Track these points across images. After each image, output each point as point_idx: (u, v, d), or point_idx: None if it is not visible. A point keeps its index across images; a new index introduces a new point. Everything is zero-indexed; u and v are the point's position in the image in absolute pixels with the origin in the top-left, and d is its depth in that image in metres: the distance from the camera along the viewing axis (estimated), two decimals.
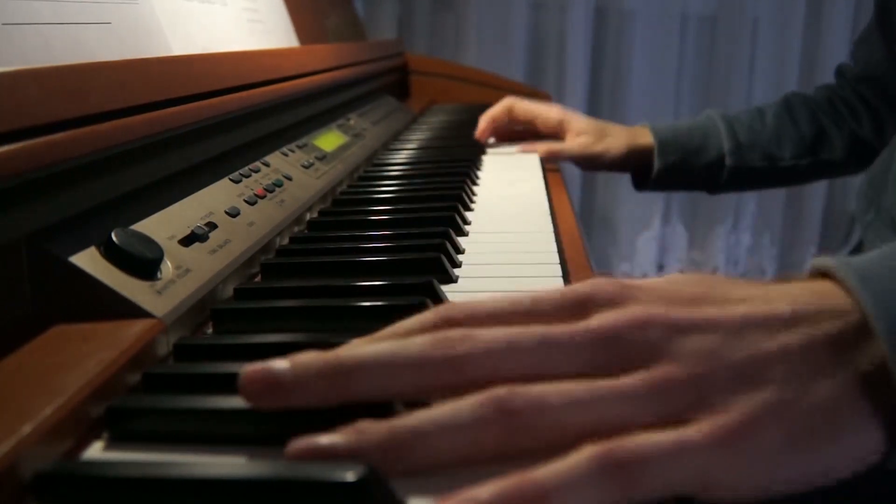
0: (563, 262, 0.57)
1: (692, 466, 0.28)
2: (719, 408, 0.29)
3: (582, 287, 0.33)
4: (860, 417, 0.30)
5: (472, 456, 0.29)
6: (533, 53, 2.25)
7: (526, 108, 1.12)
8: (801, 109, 1.09)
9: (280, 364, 0.31)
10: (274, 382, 0.31)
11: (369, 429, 0.29)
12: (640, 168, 1.11)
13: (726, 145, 1.06)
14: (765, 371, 0.30)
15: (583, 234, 0.68)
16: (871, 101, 1.07)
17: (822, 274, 0.34)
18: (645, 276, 2.26)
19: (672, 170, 1.07)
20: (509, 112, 1.13)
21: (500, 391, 0.29)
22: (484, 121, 1.14)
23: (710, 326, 0.31)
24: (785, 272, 2.31)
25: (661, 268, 2.31)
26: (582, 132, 1.08)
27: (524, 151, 1.07)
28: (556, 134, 1.10)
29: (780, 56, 2.29)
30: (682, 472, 0.28)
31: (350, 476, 0.27)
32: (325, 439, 0.29)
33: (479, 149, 1.07)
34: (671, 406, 0.29)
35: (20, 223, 0.39)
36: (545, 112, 1.11)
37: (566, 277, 0.54)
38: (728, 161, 1.07)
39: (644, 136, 1.08)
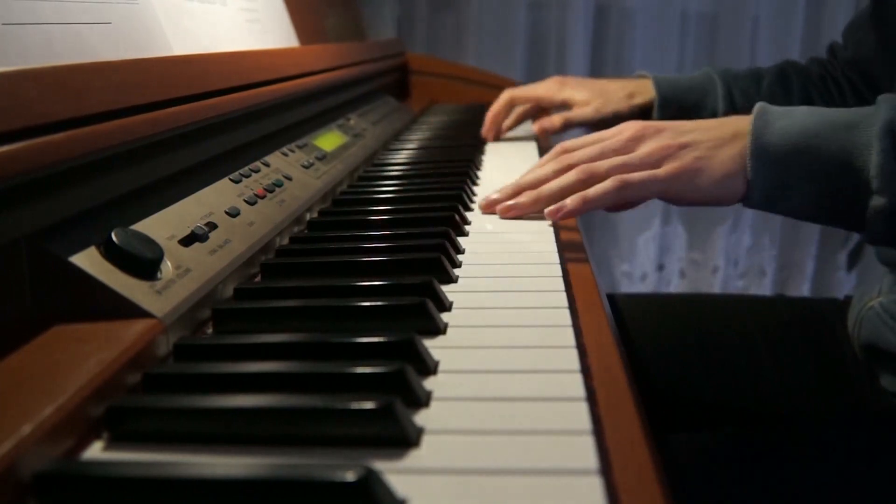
0: (562, 262, 0.57)
1: (659, 186, 0.63)
2: (675, 159, 0.64)
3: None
4: (738, 174, 0.63)
5: (578, 190, 0.65)
6: (533, 53, 2.25)
7: (526, 95, 1.15)
8: (795, 81, 1.12)
9: (493, 195, 0.72)
10: (492, 203, 0.71)
11: (526, 194, 0.69)
12: (640, 117, 1.14)
13: (721, 106, 1.09)
14: (699, 143, 0.64)
15: (583, 233, 0.68)
16: (858, 87, 1.08)
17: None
18: (645, 275, 2.26)
19: None
20: (511, 104, 1.15)
21: (583, 166, 0.66)
22: (488, 119, 1.16)
23: (673, 128, 0.67)
24: (785, 273, 2.31)
25: (661, 268, 2.31)
26: (587, 102, 1.10)
27: (542, 127, 1.10)
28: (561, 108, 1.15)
29: (780, 54, 2.28)
30: (655, 187, 0.63)
31: (350, 476, 0.27)
32: (503, 200, 0.70)
33: (478, 149, 1.07)
34: (653, 159, 0.64)
35: (20, 223, 0.39)
36: (546, 93, 1.13)
37: (566, 278, 0.54)
38: None
39: (645, 90, 1.11)
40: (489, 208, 0.71)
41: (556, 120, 1.10)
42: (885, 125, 0.58)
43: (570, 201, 0.63)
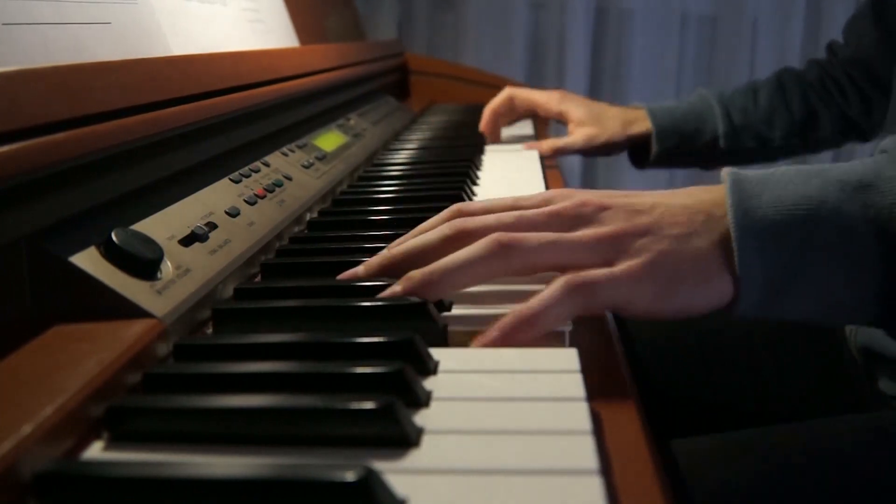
0: None
1: (621, 292, 0.44)
2: (633, 254, 0.45)
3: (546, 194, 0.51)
4: (719, 267, 0.45)
5: (486, 279, 0.46)
6: (533, 53, 2.25)
7: (526, 98, 1.16)
8: (793, 89, 1.12)
9: (357, 269, 0.50)
10: (353, 277, 0.50)
11: (414, 275, 0.46)
12: (637, 148, 1.15)
13: (721, 128, 1.10)
14: (663, 231, 0.46)
15: None
16: (859, 83, 1.09)
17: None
18: None
19: (669, 153, 1.11)
20: (510, 102, 1.15)
21: (498, 234, 0.46)
22: (487, 113, 1.16)
23: (629, 205, 0.48)
24: None
25: None
26: (582, 122, 1.10)
27: (529, 149, 1.09)
28: (556, 120, 1.15)
29: (780, 55, 2.29)
30: (615, 294, 0.44)
31: (350, 476, 0.27)
32: (392, 290, 0.46)
33: (479, 148, 1.07)
34: (605, 251, 0.45)
35: (20, 223, 0.39)
36: (545, 103, 1.13)
37: None
38: (722, 143, 1.10)
39: (641, 121, 1.12)
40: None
41: (544, 147, 1.08)
42: None
43: (504, 323, 0.43)
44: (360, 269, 0.50)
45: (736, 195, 0.45)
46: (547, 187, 0.86)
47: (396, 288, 0.46)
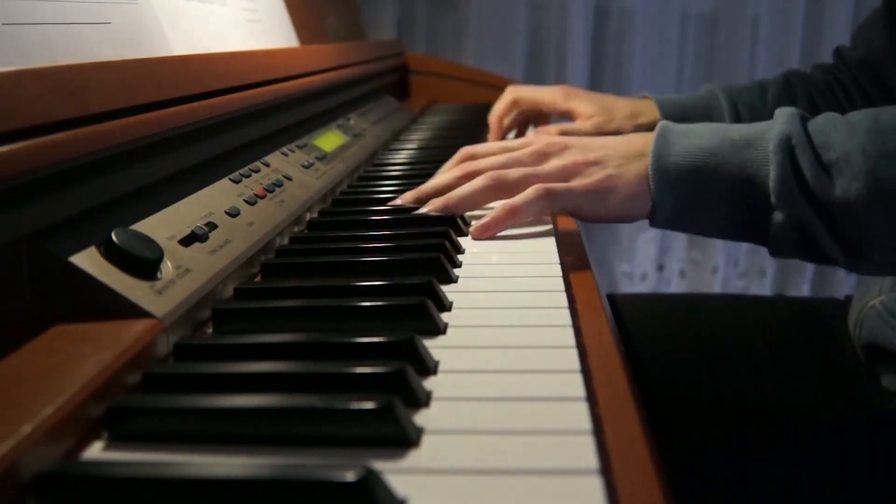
0: (562, 262, 0.57)
1: (573, 199, 0.62)
2: (585, 177, 0.63)
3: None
4: (642, 190, 0.62)
5: (488, 202, 0.66)
6: (533, 53, 2.25)
7: (531, 99, 1.13)
8: (800, 90, 1.11)
9: (396, 200, 0.71)
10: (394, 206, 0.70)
11: (437, 201, 0.66)
12: None
13: (727, 122, 1.08)
14: (607, 162, 0.63)
15: (582, 233, 0.68)
16: (867, 89, 1.08)
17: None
18: (645, 275, 2.26)
19: None
20: (515, 105, 1.14)
21: (492, 172, 0.65)
22: (493, 121, 1.14)
23: (584, 145, 0.65)
24: (784, 272, 2.31)
25: (661, 268, 2.31)
26: (591, 116, 1.09)
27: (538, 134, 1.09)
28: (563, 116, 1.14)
29: (780, 55, 2.29)
30: (568, 201, 0.62)
31: (350, 476, 0.27)
32: (422, 209, 0.67)
33: None
34: (565, 176, 0.63)
35: (20, 223, 0.39)
36: (551, 101, 1.12)
37: (566, 278, 0.54)
38: None
39: (649, 111, 1.10)
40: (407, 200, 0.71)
41: (552, 132, 1.08)
42: (780, 140, 0.59)
43: (494, 214, 0.62)
44: (398, 201, 0.70)
45: (658, 142, 0.63)
46: None
47: (424, 209, 0.67)
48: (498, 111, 1.14)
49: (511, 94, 1.14)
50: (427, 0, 2.20)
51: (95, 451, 0.33)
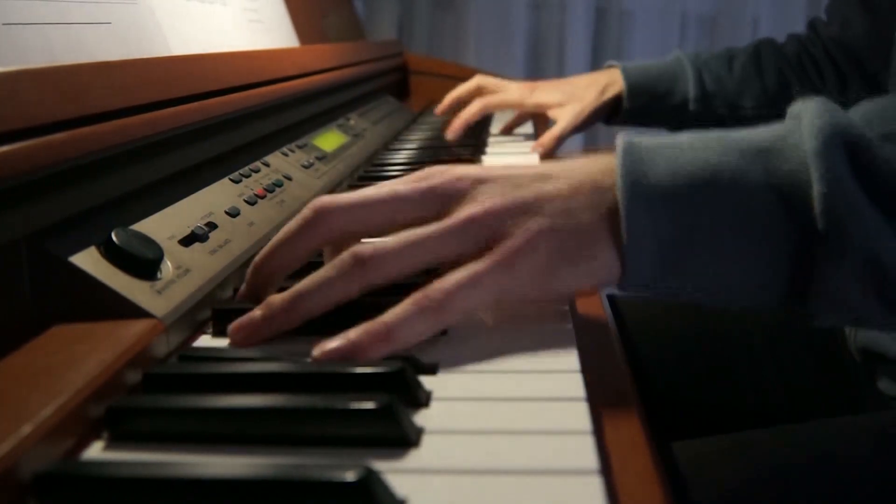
0: None
1: (485, 289, 0.39)
2: (508, 236, 0.40)
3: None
4: (606, 241, 0.40)
5: (346, 299, 0.41)
6: (533, 53, 2.25)
7: (498, 102, 1.14)
8: (769, 61, 1.11)
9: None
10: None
11: (273, 300, 0.41)
12: (612, 110, 1.15)
13: (692, 92, 1.09)
14: (542, 206, 0.41)
15: None
16: (842, 67, 1.08)
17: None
18: None
19: (639, 111, 1.11)
20: (478, 92, 1.15)
21: (354, 248, 0.40)
22: (449, 98, 1.16)
23: (508, 178, 0.42)
24: None
25: None
26: (560, 104, 1.11)
27: (535, 150, 1.08)
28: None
29: None
30: (478, 296, 0.39)
31: (350, 476, 0.27)
32: (251, 315, 0.41)
33: (479, 149, 1.07)
34: (476, 236, 0.40)
35: (20, 223, 0.39)
36: (517, 100, 1.13)
37: None
38: (691, 107, 1.10)
39: (615, 83, 1.11)
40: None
41: (546, 143, 1.08)
42: (822, 139, 0.39)
43: (355, 338, 0.38)
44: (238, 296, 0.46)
45: (627, 160, 0.40)
46: None
47: (255, 314, 0.41)
48: (459, 91, 1.15)
49: (476, 81, 1.15)
50: (427, 0, 2.20)
51: (95, 451, 0.33)
